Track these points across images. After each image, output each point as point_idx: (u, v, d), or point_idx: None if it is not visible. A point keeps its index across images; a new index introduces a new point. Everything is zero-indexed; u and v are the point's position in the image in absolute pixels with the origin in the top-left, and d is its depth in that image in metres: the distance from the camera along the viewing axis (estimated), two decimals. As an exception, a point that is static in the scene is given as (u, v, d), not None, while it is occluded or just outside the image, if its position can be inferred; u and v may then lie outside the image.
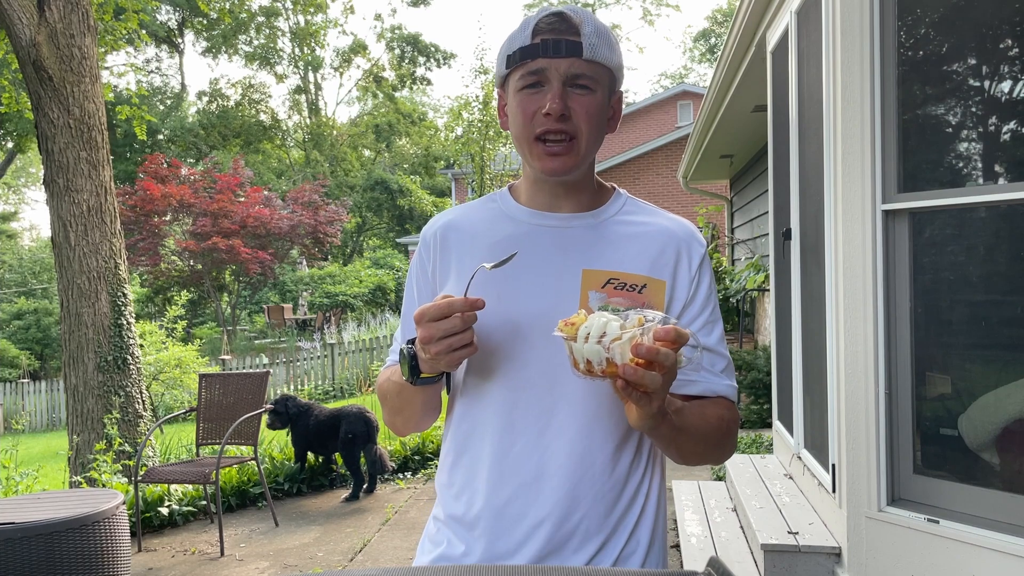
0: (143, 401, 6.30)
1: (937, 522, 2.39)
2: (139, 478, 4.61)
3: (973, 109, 2.55)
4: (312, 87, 36.84)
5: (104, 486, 5.04)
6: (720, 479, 4.78)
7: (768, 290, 6.89)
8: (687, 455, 1.14)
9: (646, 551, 1.17)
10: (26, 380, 15.43)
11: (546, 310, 1.12)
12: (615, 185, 1.28)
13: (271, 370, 6.46)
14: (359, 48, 35.67)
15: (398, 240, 30.90)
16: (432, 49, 35.21)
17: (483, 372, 1.16)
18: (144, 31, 18.69)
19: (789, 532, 2.97)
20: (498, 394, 1.15)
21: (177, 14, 31.88)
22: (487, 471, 1.15)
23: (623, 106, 1.24)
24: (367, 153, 36.63)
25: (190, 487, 5.18)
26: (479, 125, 15.63)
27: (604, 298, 1.13)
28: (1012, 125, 2.44)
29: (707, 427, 1.14)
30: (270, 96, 43.45)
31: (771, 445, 4.97)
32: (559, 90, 1.11)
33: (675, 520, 3.95)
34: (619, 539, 1.15)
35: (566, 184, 1.20)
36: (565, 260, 1.16)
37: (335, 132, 35.52)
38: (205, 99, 34.22)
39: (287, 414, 5.52)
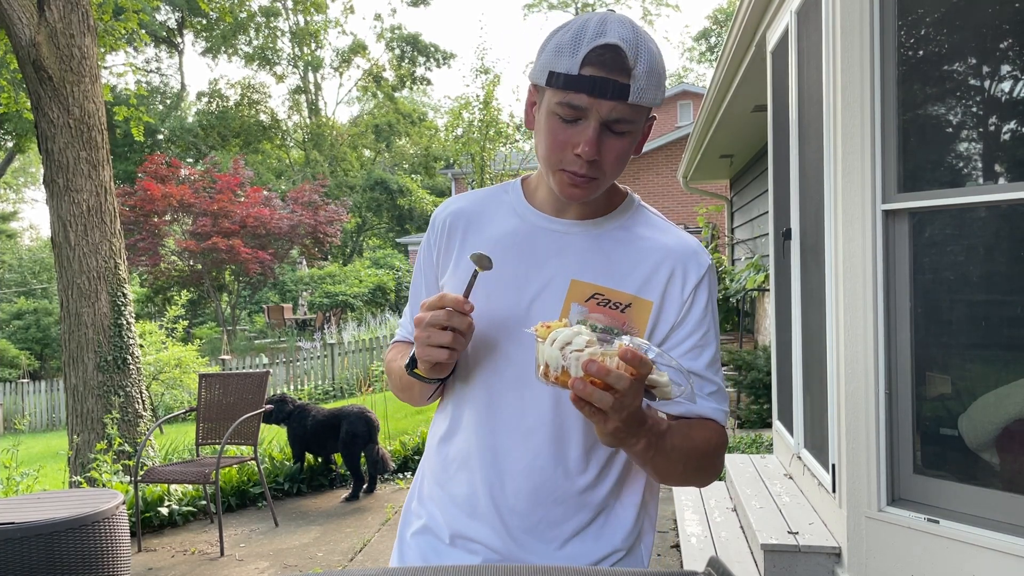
0: (143, 401, 6.30)
1: (937, 522, 2.40)
2: (139, 478, 4.61)
3: (973, 109, 2.55)
4: (312, 87, 36.84)
5: (104, 486, 5.04)
6: (720, 479, 4.78)
7: (768, 290, 6.89)
8: (665, 476, 1.13)
9: (623, 554, 1.19)
10: (26, 380, 15.42)
11: (531, 313, 1.14)
12: (628, 190, 1.26)
13: (271, 370, 6.46)
14: (359, 48, 35.66)
15: (398, 240, 30.91)
16: (432, 49, 35.20)
17: (468, 367, 1.19)
18: (144, 31, 18.66)
19: (789, 532, 2.97)
20: (480, 390, 1.18)
21: (176, 14, 31.87)
22: (464, 461, 1.20)
23: (650, 131, 1.19)
24: (367, 153, 36.63)
25: (190, 487, 5.18)
26: (479, 125, 15.63)
27: (585, 312, 1.12)
28: (1012, 125, 2.44)
29: (690, 450, 1.11)
30: (270, 96, 43.45)
31: (771, 445, 4.97)
32: (595, 135, 1.06)
33: (675, 520, 3.95)
34: (586, 541, 1.17)
35: None
36: (558, 267, 1.17)
37: (335, 132, 35.51)
38: (205, 99, 34.23)
39: (281, 411, 5.55)
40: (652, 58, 1.06)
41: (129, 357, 6.15)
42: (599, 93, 1.04)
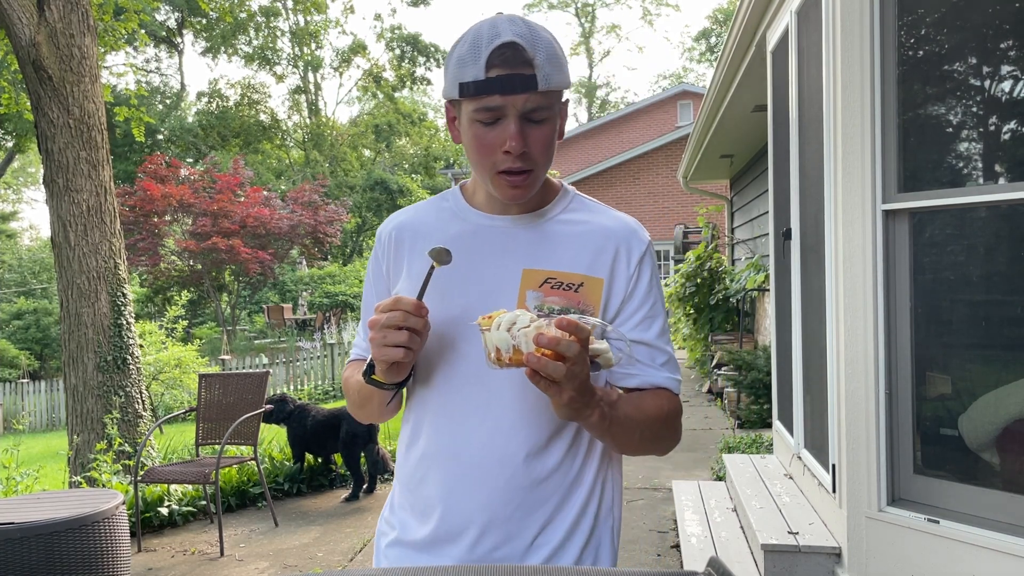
0: (143, 401, 6.30)
1: (937, 522, 2.40)
2: (139, 478, 4.61)
3: (973, 109, 2.55)
4: (312, 87, 36.84)
5: (104, 486, 5.04)
6: (720, 479, 4.78)
7: (768, 290, 6.89)
8: (623, 446, 1.20)
9: (582, 546, 1.20)
10: (26, 380, 15.42)
11: (487, 309, 1.15)
12: (563, 182, 1.32)
13: (271, 370, 6.46)
14: (359, 48, 35.65)
15: (398, 240, 30.83)
16: (432, 49, 35.19)
17: (426, 367, 1.22)
18: (144, 31, 18.68)
19: (789, 532, 2.97)
20: (439, 389, 1.21)
21: (176, 14, 31.87)
22: (431, 461, 1.21)
23: (566, 114, 1.24)
24: (367, 153, 36.62)
25: (190, 487, 5.18)
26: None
27: (541, 297, 1.17)
28: (1012, 125, 2.44)
29: (643, 419, 1.18)
30: (270, 96, 43.46)
31: (771, 445, 4.97)
32: (517, 129, 1.12)
33: (675, 520, 3.95)
34: (562, 522, 1.18)
35: None
36: (507, 260, 1.21)
37: (335, 132, 35.50)
38: (204, 99, 34.23)
39: (281, 411, 5.55)
40: (549, 46, 1.12)
41: (129, 357, 6.15)
42: (509, 89, 1.10)
